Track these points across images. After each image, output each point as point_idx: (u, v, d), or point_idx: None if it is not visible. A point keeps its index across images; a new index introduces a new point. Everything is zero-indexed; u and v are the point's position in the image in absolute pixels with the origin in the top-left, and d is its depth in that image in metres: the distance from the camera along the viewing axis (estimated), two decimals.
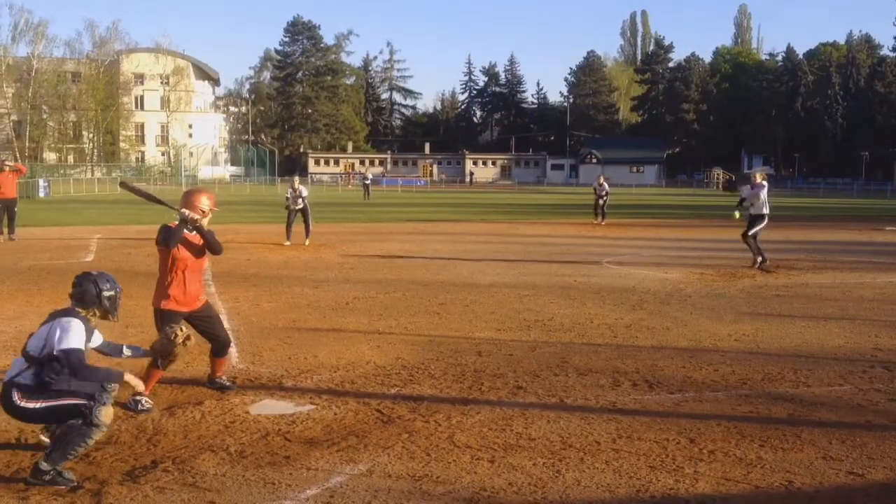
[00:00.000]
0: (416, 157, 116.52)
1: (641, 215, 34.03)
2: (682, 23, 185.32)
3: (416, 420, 5.69)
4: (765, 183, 14.85)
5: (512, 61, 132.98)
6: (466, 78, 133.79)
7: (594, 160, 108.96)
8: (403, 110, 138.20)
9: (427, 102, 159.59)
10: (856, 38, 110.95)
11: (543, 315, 9.77)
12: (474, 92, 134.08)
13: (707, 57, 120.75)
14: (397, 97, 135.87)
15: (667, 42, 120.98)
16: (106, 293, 5.08)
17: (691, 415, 5.89)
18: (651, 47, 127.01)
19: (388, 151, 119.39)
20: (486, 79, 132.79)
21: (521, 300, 10.93)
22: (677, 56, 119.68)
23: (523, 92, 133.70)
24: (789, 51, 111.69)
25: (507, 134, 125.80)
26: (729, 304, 10.68)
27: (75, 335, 4.79)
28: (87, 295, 5.03)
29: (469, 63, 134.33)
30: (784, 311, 10.25)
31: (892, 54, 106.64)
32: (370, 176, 52.50)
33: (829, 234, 23.73)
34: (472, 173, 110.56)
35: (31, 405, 4.69)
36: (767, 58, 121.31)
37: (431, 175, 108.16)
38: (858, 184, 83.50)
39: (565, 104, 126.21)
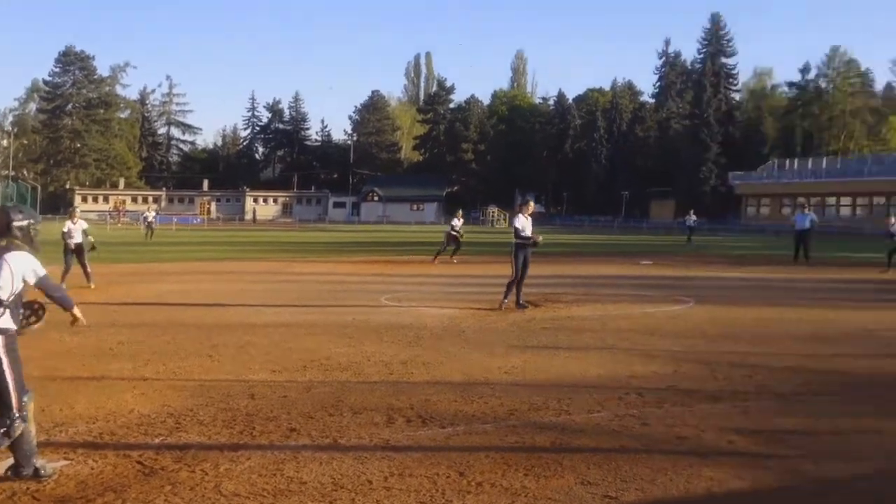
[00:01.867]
0: (193, 195, 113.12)
1: (421, 252, 34.66)
2: (463, 65, 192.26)
3: (180, 470, 5.47)
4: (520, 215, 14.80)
5: (297, 98, 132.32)
6: (250, 114, 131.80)
7: (376, 198, 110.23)
8: (182, 145, 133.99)
9: (207, 138, 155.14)
10: (619, 84, 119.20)
11: (320, 354, 9.71)
12: (257, 128, 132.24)
13: (486, 99, 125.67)
14: (175, 132, 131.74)
15: (448, 83, 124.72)
16: (17, 223, 5.11)
17: (462, 448, 6.03)
18: (434, 88, 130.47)
19: (164, 188, 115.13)
20: (269, 115, 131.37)
21: (297, 340, 10.82)
22: (458, 97, 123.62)
23: (307, 129, 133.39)
24: (560, 95, 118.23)
25: (290, 171, 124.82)
26: (500, 338, 11.07)
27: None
28: None
29: (253, 99, 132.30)
30: (550, 343, 10.76)
31: (651, 101, 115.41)
32: (152, 214, 50.43)
33: (593, 268, 25.18)
34: (254, 210, 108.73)
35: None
36: (541, 101, 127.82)
37: (209, 212, 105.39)
38: (619, 221, 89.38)
39: (349, 142, 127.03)
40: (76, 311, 5.52)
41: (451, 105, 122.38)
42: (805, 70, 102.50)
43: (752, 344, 10.76)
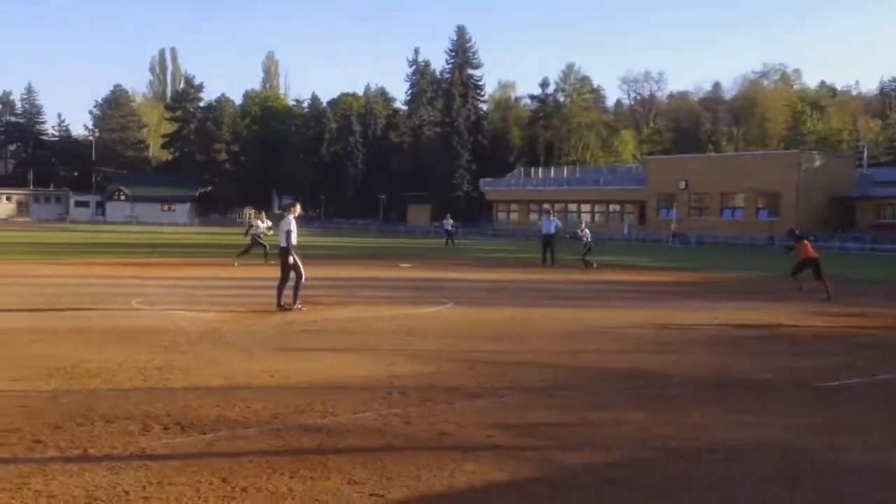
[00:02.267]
0: None
1: (174, 254, 33.38)
2: (212, 63, 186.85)
3: None
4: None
5: (30, 90, 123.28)
6: None
7: (123, 197, 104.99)
8: None
9: None
10: (373, 90, 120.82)
11: (67, 361, 9.09)
12: None
13: (238, 99, 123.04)
14: None
15: (197, 81, 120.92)
16: None
17: (224, 453, 5.87)
18: (182, 85, 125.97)
19: None
20: None
21: (40, 346, 10.08)
22: (208, 96, 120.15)
23: (43, 123, 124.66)
24: (314, 98, 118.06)
25: (25, 167, 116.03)
26: (261, 341, 10.88)
27: None
28: None
29: None
30: (312, 345, 10.72)
31: (404, 108, 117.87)
32: None
33: (353, 270, 25.36)
34: None
35: None
36: (295, 104, 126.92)
37: None
38: (377, 224, 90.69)
39: (90, 138, 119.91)
40: None
41: (201, 104, 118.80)
42: (544, 84, 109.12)
43: (507, 342, 11.28)
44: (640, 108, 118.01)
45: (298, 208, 14.89)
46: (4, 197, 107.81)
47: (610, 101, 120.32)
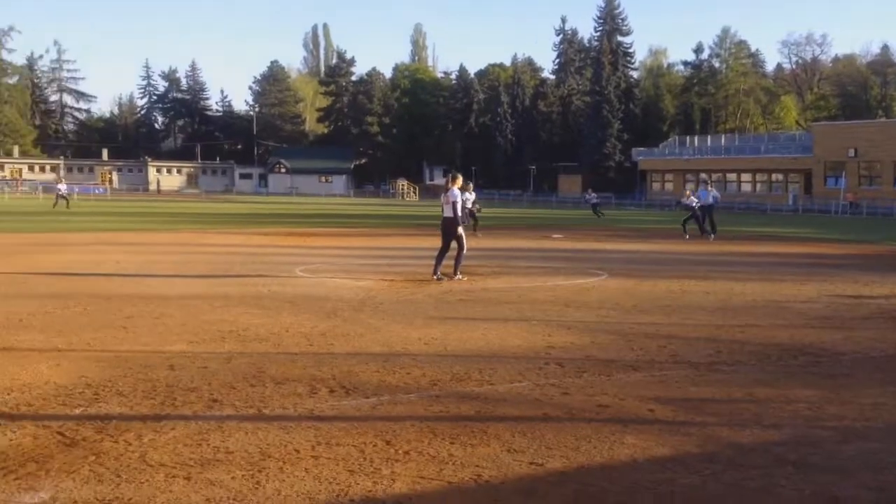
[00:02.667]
0: (92, 164, 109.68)
1: (332, 224, 34.42)
2: (362, 37, 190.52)
3: (103, 441, 5.31)
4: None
5: (193, 67, 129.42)
6: (145, 82, 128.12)
7: (283, 170, 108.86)
8: (77, 113, 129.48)
9: (103, 106, 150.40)
10: (520, 60, 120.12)
11: (238, 326, 9.55)
12: (154, 97, 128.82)
13: (388, 72, 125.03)
14: (68, 99, 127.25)
15: (349, 56, 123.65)
16: None
17: (387, 417, 6.02)
18: (334, 60, 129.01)
19: (61, 157, 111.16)
20: (166, 84, 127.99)
21: (213, 311, 10.62)
22: (359, 70, 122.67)
23: (207, 99, 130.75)
24: (462, 70, 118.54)
25: (192, 142, 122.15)
26: (418, 310, 11.08)
27: None
28: None
29: (147, 67, 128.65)
30: (468, 314, 10.82)
31: (551, 77, 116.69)
32: (64, 186, 49.08)
33: (505, 241, 25.42)
34: (158, 181, 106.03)
35: None
36: (443, 76, 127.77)
37: (111, 182, 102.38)
38: (528, 195, 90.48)
39: (251, 113, 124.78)
40: None
41: (353, 77, 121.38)
42: (698, 50, 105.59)
43: (665, 315, 11.04)
44: (803, 73, 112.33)
45: (460, 179, 15.00)
46: (175, 170, 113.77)
47: (770, 66, 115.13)
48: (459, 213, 14.51)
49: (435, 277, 14.35)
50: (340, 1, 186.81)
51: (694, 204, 28.05)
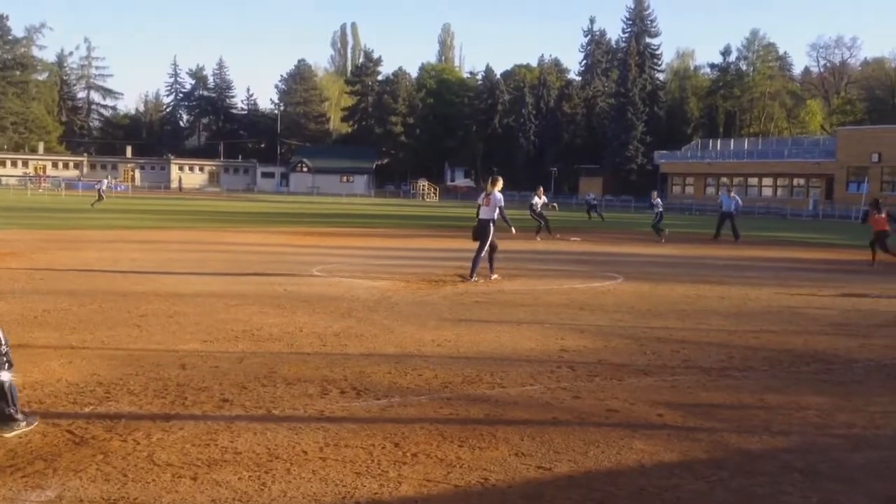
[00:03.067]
0: (116, 161, 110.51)
1: (351, 224, 34.53)
2: (390, 37, 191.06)
3: (112, 439, 5.37)
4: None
5: (221, 65, 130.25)
6: (172, 80, 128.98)
7: (305, 169, 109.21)
8: (102, 111, 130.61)
9: (129, 103, 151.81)
10: (546, 61, 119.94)
11: (252, 325, 9.61)
12: (181, 95, 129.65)
13: (414, 72, 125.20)
14: (95, 96, 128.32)
15: (376, 55, 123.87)
16: None
17: (397, 419, 6.04)
18: (361, 59, 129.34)
19: (85, 154, 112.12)
20: (193, 81, 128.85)
21: (228, 310, 10.69)
22: (386, 69, 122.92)
23: (233, 97, 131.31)
24: (488, 70, 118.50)
25: (216, 139, 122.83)
26: (432, 311, 11.10)
27: None
28: None
29: (175, 64, 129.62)
30: (482, 316, 10.83)
31: (577, 78, 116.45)
32: (105, 183, 50.87)
33: (522, 244, 25.37)
34: (180, 179, 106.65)
35: None
36: (469, 76, 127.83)
37: (133, 180, 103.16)
38: (548, 197, 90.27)
39: (276, 112, 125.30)
40: None
41: (379, 77, 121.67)
42: (726, 52, 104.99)
43: (679, 320, 11.01)
44: (831, 77, 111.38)
45: (501, 182, 15.11)
46: (198, 167, 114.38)
47: (797, 70, 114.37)
48: (501, 216, 14.70)
49: (468, 279, 14.46)
50: (370, 0, 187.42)
51: (660, 208, 29.21)
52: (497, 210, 14.60)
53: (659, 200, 29.96)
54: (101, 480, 4.67)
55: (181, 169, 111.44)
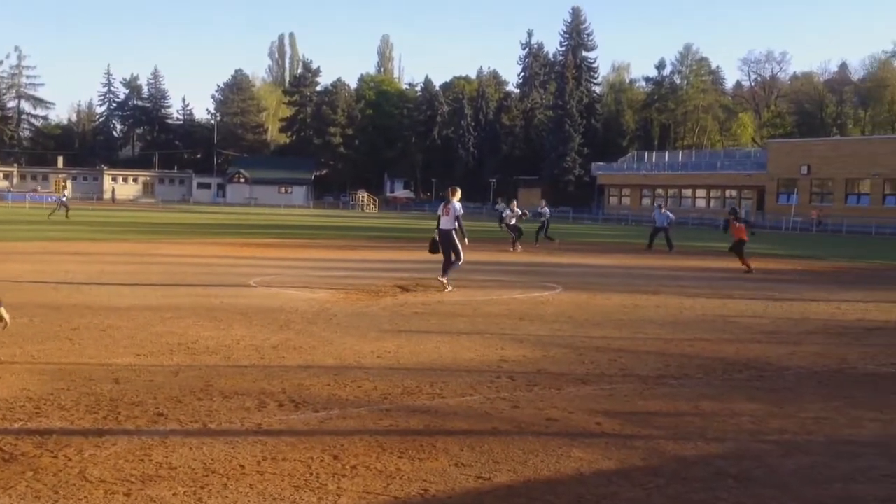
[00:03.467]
0: (47, 171, 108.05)
1: (290, 235, 34.25)
2: (329, 48, 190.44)
3: (42, 456, 5.22)
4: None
5: (156, 74, 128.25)
6: (105, 89, 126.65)
7: (242, 179, 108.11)
8: (33, 120, 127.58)
9: (61, 113, 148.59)
10: (485, 73, 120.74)
11: (187, 338, 9.46)
12: (114, 104, 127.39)
13: (353, 83, 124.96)
14: (26, 106, 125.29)
15: (314, 66, 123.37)
16: None
17: (336, 432, 5.99)
18: (299, 70, 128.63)
19: (15, 164, 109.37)
20: (127, 91, 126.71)
21: (163, 323, 10.50)
22: (325, 80, 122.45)
23: (168, 107, 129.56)
24: (427, 82, 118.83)
25: (151, 150, 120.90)
26: (372, 322, 11.06)
27: None
28: None
29: (108, 74, 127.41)
30: (422, 327, 10.82)
31: (516, 91, 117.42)
32: (66, 195, 50.75)
33: (464, 254, 25.40)
34: (114, 189, 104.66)
35: None
36: (408, 87, 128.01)
37: (65, 191, 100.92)
38: (487, 208, 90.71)
39: (212, 122, 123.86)
40: None
41: (318, 88, 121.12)
42: (660, 66, 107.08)
43: (616, 329, 11.14)
44: (761, 91, 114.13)
45: (459, 192, 15.61)
46: (131, 178, 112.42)
47: (729, 83, 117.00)
48: (458, 226, 15.24)
49: (444, 284, 14.92)
50: (308, 11, 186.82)
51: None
52: (456, 220, 15.18)
53: (547, 209, 32.62)
54: (32, 498, 4.54)
55: (115, 179, 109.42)
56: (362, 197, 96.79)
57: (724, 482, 5.11)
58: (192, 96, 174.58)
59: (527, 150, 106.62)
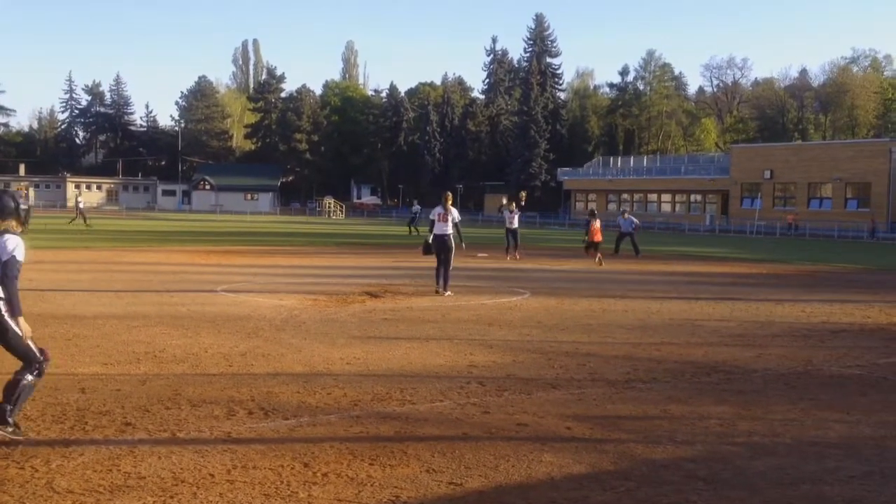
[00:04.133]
0: (8, 179, 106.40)
1: (256, 242, 34.04)
2: (293, 54, 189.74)
3: (9, 467, 5.14)
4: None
5: (118, 81, 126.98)
6: (67, 96, 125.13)
7: (208, 186, 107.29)
8: None
9: (22, 120, 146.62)
10: (450, 80, 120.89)
11: (155, 346, 9.37)
12: (76, 111, 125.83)
13: (318, 89, 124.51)
14: None
15: (279, 72, 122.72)
16: (23, 206, 5.87)
17: (306, 439, 5.97)
18: (263, 76, 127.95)
19: None
20: (89, 98, 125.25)
21: (129, 332, 10.39)
22: (289, 87, 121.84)
23: (131, 114, 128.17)
24: (392, 88, 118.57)
25: (115, 157, 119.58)
26: (341, 329, 11.02)
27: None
28: (6, 208, 5.77)
29: (70, 80, 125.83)
30: (391, 333, 10.81)
31: (481, 97, 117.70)
32: (83, 201, 49.56)
33: (430, 260, 25.39)
34: (77, 197, 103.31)
35: (11, 323, 5.69)
36: (373, 93, 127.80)
37: (27, 198, 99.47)
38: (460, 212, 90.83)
39: (177, 128, 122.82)
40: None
41: (283, 94, 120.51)
42: (624, 72, 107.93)
43: (585, 334, 11.20)
44: (724, 96, 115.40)
45: (451, 197, 16.22)
46: (95, 186, 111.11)
47: (692, 89, 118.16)
48: (456, 232, 16.04)
49: (441, 292, 15.37)
50: (272, 17, 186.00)
51: (417, 213, 31.92)
52: (453, 225, 15.85)
53: (418, 207, 34.16)
54: None
55: (77, 187, 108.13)
56: (329, 203, 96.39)
57: (693, 484, 5.15)
58: (156, 103, 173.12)
59: (493, 156, 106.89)
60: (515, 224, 26.98)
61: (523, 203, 27.83)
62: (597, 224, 24.74)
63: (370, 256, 26.83)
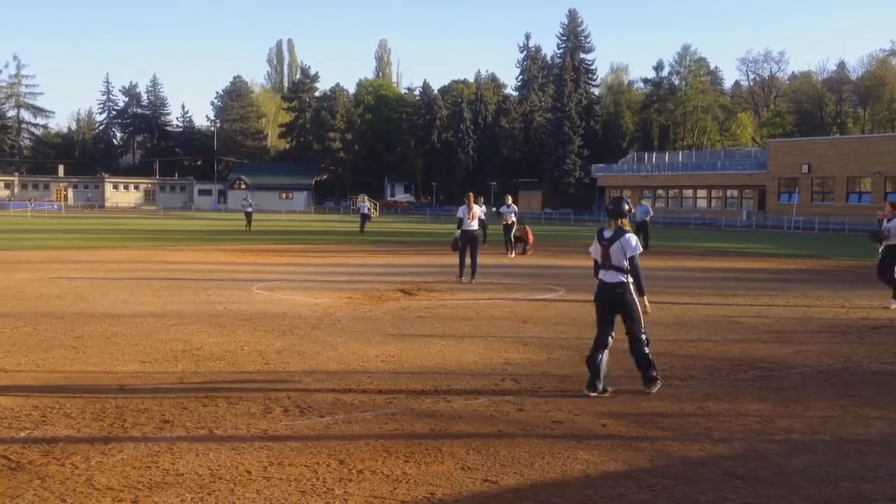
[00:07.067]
0: (48, 180, 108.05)
1: (291, 241, 34.24)
2: (327, 53, 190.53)
3: (49, 464, 5.23)
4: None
5: (155, 82, 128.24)
6: (105, 97, 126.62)
7: (243, 186, 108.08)
8: (33, 129, 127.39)
9: (61, 122, 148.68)
10: (483, 77, 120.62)
11: (192, 344, 9.46)
12: (114, 112, 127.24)
13: (351, 88, 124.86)
14: (26, 115, 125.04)
15: (312, 71, 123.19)
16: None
17: (341, 436, 5.99)
18: (297, 76, 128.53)
19: (16, 173, 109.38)
20: (126, 99, 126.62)
21: (167, 330, 10.51)
22: (323, 86, 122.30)
23: (167, 114, 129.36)
24: (426, 86, 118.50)
25: (151, 157, 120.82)
26: (375, 327, 11.06)
27: None
28: (622, 211, 7.79)
29: (108, 82, 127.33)
30: (425, 331, 10.82)
31: (514, 94, 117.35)
32: (249, 202, 46.12)
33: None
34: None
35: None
36: (406, 91, 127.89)
37: (66, 199, 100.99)
38: (488, 210, 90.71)
39: (212, 129, 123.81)
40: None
41: (317, 93, 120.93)
42: (658, 67, 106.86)
43: (619, 330, 11.06)
44: (760, 90, 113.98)
45: (473, 197, 17.48)
46: (132, 186, 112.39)
47: (727, 83, 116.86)
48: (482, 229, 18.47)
49: (465, 280, 16.97)
50: (306, 17, 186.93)
51: (366, 211, 33.14)
52: (480, 222, 17.86)
53: (367, 204, 36.15)
54: None
55: (115, 188, 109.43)
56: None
57: (731, 483, 5.10)
58: (192, 103, 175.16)
59: (526, 153, 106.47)
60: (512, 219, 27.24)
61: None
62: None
63: (404, 255, 26.86)
